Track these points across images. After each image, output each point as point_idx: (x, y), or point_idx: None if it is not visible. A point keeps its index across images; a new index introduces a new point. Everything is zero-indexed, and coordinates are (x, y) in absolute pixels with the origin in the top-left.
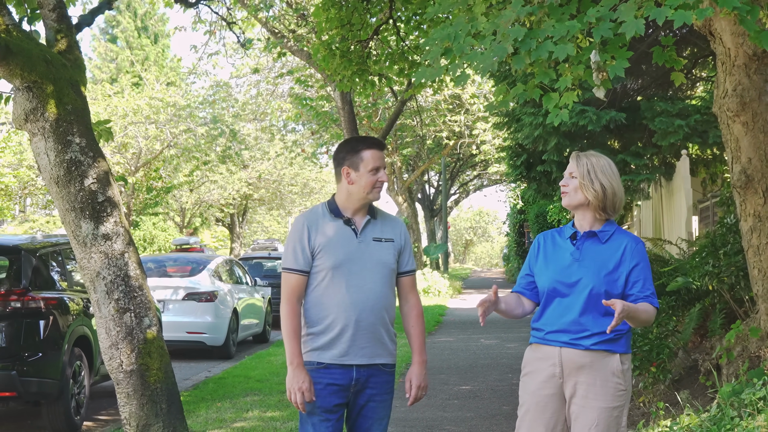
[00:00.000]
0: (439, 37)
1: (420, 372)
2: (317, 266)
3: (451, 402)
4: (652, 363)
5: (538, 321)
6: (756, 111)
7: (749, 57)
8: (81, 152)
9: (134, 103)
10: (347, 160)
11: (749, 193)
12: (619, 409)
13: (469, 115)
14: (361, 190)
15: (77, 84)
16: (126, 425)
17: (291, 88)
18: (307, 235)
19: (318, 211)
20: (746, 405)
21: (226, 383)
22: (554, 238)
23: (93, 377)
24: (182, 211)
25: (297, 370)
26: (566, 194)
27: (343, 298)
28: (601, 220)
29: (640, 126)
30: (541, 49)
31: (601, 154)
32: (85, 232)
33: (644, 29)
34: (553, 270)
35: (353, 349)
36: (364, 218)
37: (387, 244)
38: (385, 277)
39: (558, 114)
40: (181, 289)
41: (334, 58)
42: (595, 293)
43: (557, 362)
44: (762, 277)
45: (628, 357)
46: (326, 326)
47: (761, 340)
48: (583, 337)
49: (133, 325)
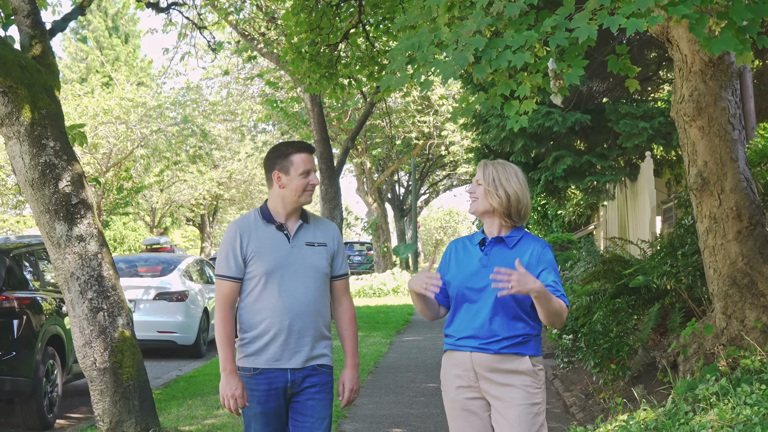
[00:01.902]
0: (405, 46)
1: (352, 375)
2: (250, 272)
3: (418, 399)
4: (612, 360)
5: (449, 327)
6: (712, 116)
7: (705, 63)
8: (55, 155)
9: (105, 103)
10: (277, 165)
11: (705, 195)
12: (537, 406)
13: (438, 116)
14: (293, 193)
15: (51, 89)
16: (99, 422)
17: (261, 89)
18: (239, 242)
19: (250, 217)
20: (700, 400)
21: (197, 381)
22: (465, 245)
23: (65, 376)
24: (152, 211)
25: (230, 377)
26: (473, 201)
27: (275, 303)
28: (509, 227)
29: (605, 128)
30: (501, 58)
31: (510, 162)
32: (60, 234)
33: (596, 35)
34: (462, 276)
35: (286, 353)
36: (296, 223)
37: (320, 248)
38: (317, 281)
39: (518, 120)
40: (153, 288)
41: (303, 61)
42: (501, 298)
43: (470, 367)
44: (717, 277)
45: (539, 359)
46: (260, 331)
47: (716, 337)
48: (492, 341)
49: (107, 324)
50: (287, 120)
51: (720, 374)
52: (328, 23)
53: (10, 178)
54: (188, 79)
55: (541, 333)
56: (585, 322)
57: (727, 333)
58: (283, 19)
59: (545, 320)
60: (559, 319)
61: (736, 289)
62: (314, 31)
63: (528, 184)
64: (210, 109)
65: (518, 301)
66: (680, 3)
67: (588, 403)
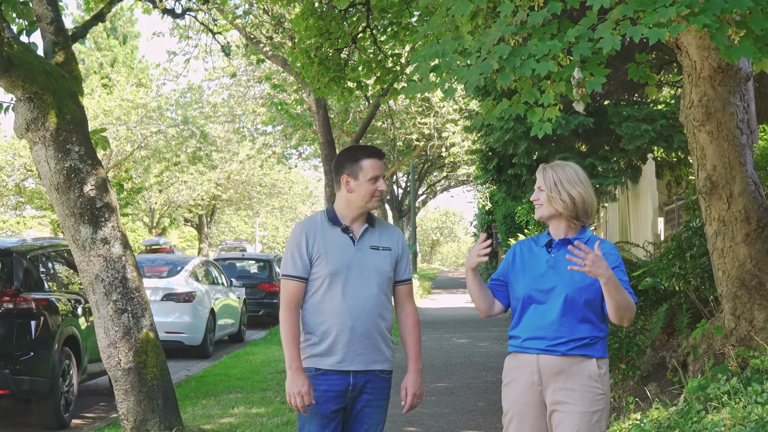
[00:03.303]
0: (428, 54)
1: (416, 380)
2: (315, 273)
3: (429, 399)
4: (621, 360)
5: (515, 329)
6: (720, 121)
7: (714, 69)
8: (80, 160)
9: (105, 105)
10: (347, 169)
11: (714, 198)
12: (599, 413)
13: (439, 117)
14: (360, 198)
15: (75, 95)
16: (124, 420)
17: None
18: (305, 242)
19: (317, 219)
20: (712, 399)
21: (207, 381)
22: (531, 247)
23: (81, 376)
24: (151, 212)
25: (296, 374)
26: (538, 207)
27: (339, 305)
28: (576, 228)
29: (607, 130)
30: (525, 66)
31: (568, 162)
32: (84, 237)
33: (620, 45)
34: (529, 277)
35: (350, 356)
36: (362, 226)
37: (384, 252)
38: (381, 284)
39: (542, 127)
40: (160, 289)
41: (313, 65)
42: (570, 300)
43: (535, 369)
44: (726, 279)
45: (605, 361)
46: (323, 333)
47: (725, 338)
48: (559, 343)
49: (131, 324)
50: (291, 122)
51: (731, 374)
52: (337, 28)
53: (11, 179)
54: (189, 80)
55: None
56: None
57: (737, 333)
58: (293, 24)
59: (614, 314)
60: (628, 314)
61: (744, 291)
62: (323, 35)
63: (530, 186)
64: (211, 110)
65: (586, 302)
66: (701, 13)
67: None
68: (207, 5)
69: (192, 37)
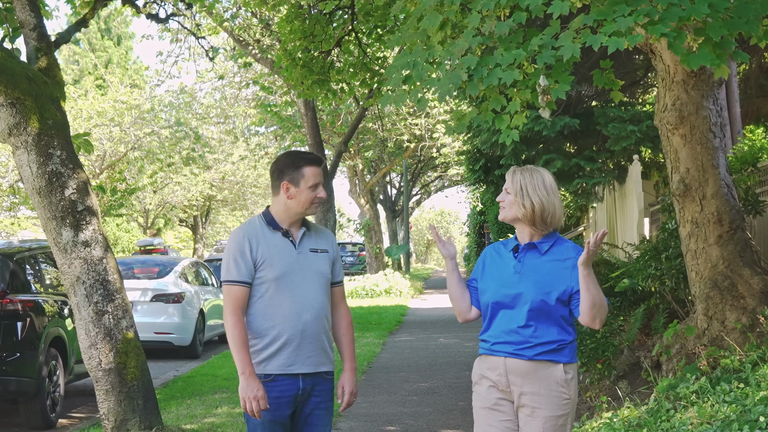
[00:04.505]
0: (400, 64)
1: (352, 379)
2: (260, 278)
3: (411, 398)
4: (598, 360)
5: (486, 333)
6: (693, 124)
7: (687, 74)
8: (61, 164)
9: (99, 106)
10: (287, 175)
11: (687, 201)
12: (564, 417)
13: (430, 118)
14: (300, 205)
15: (57, 100)
16: (104, 420)
17: (255, 93)
18: (248, 246)
19: (256, 223)
20: (681, 398)
21: (194, 381)
22: (499, 251)
23: (67, 376)
24: (146, 212)
25: (250, 379)
26: (502, 209)
27: (288, 309)
28: (540, 233)
29: (593, 131)
30: (492, 75)
31: (540, 168)
32: (66, 240)
33: (580, 53)
34: (497, 283)
35: (300, 359)
36: (299, 230)
37: (323, 254)
38: (323, 286)
39: (509, 134)
40: (149, 290)
41: (297, 67)
42: (536, 305)
43: (503, 371)
44: (699, 280)
45: (573, 366)
46: (272, 337)
47: (698, 338)
48: (526, 347)
49: (112, 326)
50: (280, 123)
51: (700, 373)
52: (321, 30)
53: (5, 180)
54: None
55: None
56: None
57: (709, 334)
58: (278, 27)
59: (587, 313)
60: (602, 313)
61: (717, 292)
62: (307, 38)
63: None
64: (204, 112)
65: (553, 307)
66: (659, 22)
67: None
68: (190, 10)
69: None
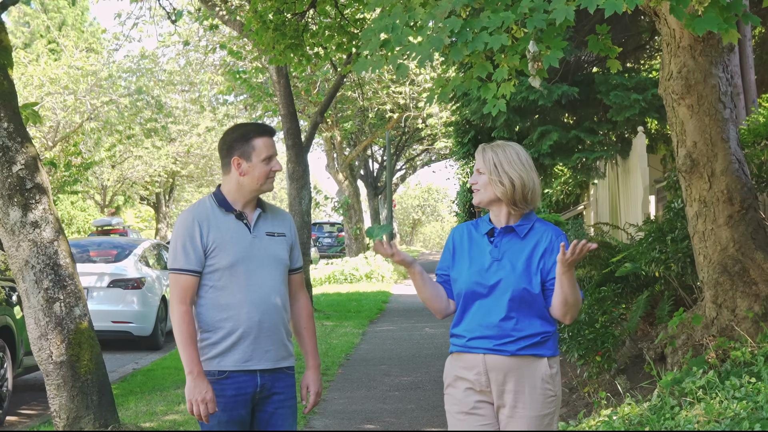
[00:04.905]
0: (378, 27)
1: (316, 377)
2: (211, 265)
3: (392, 394)
4: (597, 352)
5: (458, 326)
6: (701, 94)
7: (694, 38)
8: (8, 138)
9: (51, 72)
10: (237, 150)
11: (695, 177)
12: (550, 416)
13: (415, 86)
14: (254, 181)
15: (4, 67)
16: (56, 418)
17: (223, 59)
18: (198, 231)
19: (206, 204)
20: (686, 394)
21: (155, 375)
22: (471, 234)
23: (16, 369)
24: (103, 189)
25: (197, 379)
26: (476, 192)
27: (243, 299)
28: (518, 214)
29: (594, 100)
30: (477, 40)
31: (509, 142)
32: (13, 220)
33: (574, 17)
34: (471, 271)
35: (257, 353)
36: (254, 211)
37: (280, 238)
38: (281, 273)
39: (495, 104)
40: (106, 275)
41: (268, 31)
42: (517, 294)
43: (482, 370)
44: (707, 264)
45: (557, 360)
46: (227, 330)
47: (705, 328)
48: (508, 342)
49: (63, 315)
50: (251, 92)
51: (708, 367)
52: None
53: None
54: (143, 47)
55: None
56: None
57: (717, 323)
58: None
59: (559, 309)
60: (574, 311)
61: (726, 277)
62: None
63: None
64: (167, 78)
65: (535, 296)
66: None
67: (572, 397)
68: None
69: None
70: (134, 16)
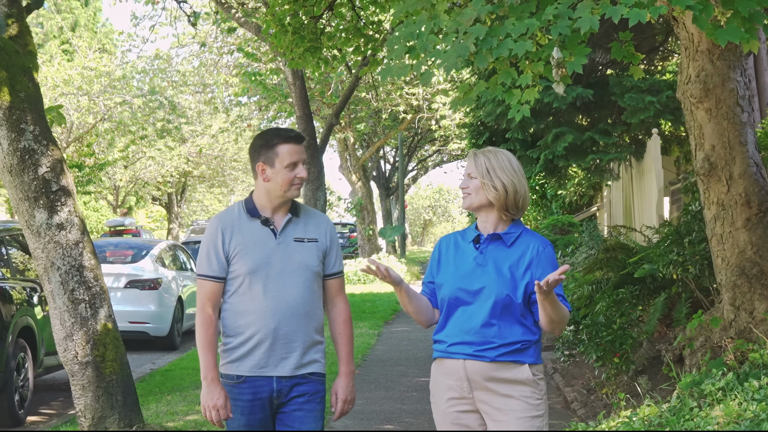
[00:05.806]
0: (403, 34)
1: (347, 384)
2: (233, 272)
3: (410, 394)
4: (615, 354)
5: (441, 332)
6: (719, 97)
7: (713, 43)
8: (34, 140)
9: (65, 73)
10: (262, 156)
11: (713, 181)
12: (539, 418)
13: (428, 87)
14: (279, 187)
15: (30, 70)
16: (81, 417)
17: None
18: (221, 238)
19: (234, 211)
20: (705, 395)
21: (173, 375)
22: (457, 242)
23: (37, 369)
24: (116, 190)
25: (212, 385)
26: (467, 196)
27: (260, 305)
28: (507, 221)
29: (608, 102)
30: (502, 47)
31: (500, 149)
32: (39, 222)
33: (599, 25)
34: (455, 277)
35: (272, 360)
36: (284, 217)
37: (310, 244)
38: (307, 280)
39: (519, 110)
40: (123, 276)
41: (286, 34)
42: (500, 301)
43: (463, 376)
44: (725, 267)
45: (540, 367)
46: (245, 336)
47: (724, 330)
48: (488, 348)
49: (88, 315)
50: (266, 93)
51: (727, 369)
52: None
53: None
54: (158, 48)
55: (541, 339)
56: (587, 313)
57: (736, 325)
58: None
59: (546, 325)
60: (561, 326)
61: (744, 279)
62: (297, 2)
63: (526, 163)
64: (180, 79)
65: (518, 304)
66: None
67: (590, 398)
68: None
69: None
70: (149, 18)
